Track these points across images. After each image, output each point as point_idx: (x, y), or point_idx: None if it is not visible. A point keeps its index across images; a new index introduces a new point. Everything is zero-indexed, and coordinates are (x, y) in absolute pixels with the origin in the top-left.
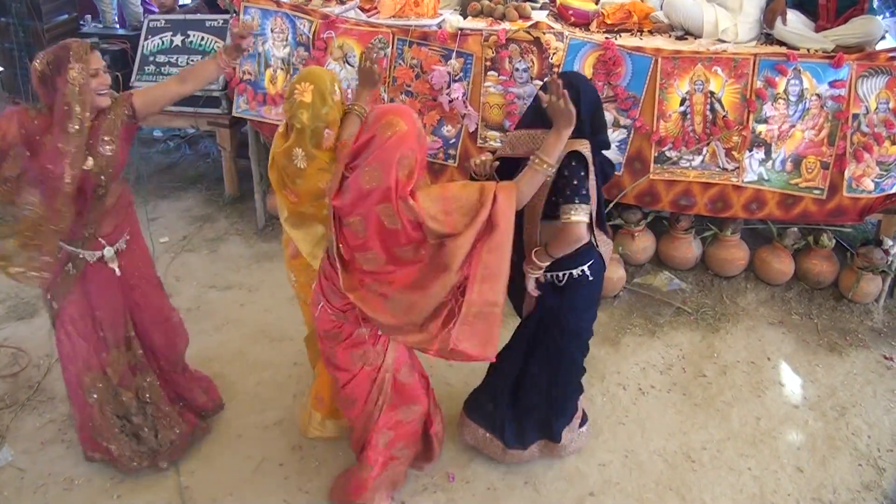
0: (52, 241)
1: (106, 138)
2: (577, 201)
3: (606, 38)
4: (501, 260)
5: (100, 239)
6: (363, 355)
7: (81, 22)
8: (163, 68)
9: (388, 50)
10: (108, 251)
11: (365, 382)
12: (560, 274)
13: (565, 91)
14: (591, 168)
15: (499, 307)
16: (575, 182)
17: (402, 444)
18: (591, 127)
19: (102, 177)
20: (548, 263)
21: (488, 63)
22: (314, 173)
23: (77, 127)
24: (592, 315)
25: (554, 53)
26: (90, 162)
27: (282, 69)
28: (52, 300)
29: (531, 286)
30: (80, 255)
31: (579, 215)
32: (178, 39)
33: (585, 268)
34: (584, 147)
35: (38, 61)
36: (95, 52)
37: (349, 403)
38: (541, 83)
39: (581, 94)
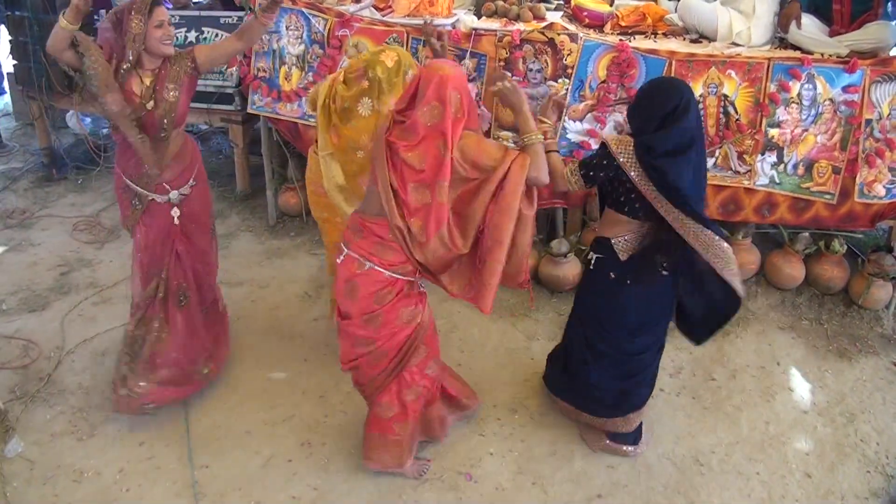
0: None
1: (170, 86)
2: (574, 163)
3: (621, 40)
4: (507, 224)
5: (165, 184)
6: (412, 312)
7: (95, 17)
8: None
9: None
10: (174, 194)
11: (401, 339)
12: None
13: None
14: (616, 155)
15: (500, 265)
16: (590, 155)
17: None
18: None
19: (165, 120)
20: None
21: (502, 63)
22: (366, 126)
23: (126, 66)
24: (591, 305)
25: (568, 55)
26: (151, 104)
27: (297, 66)
28: (128, 229)
29: None
30: (149, 198)
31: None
32: (192, 36)
33: (594, 257)
34: (618, 141)
35: (112, 12)
36: (161, 7)
37: (374, 361)
38: (555, 84)
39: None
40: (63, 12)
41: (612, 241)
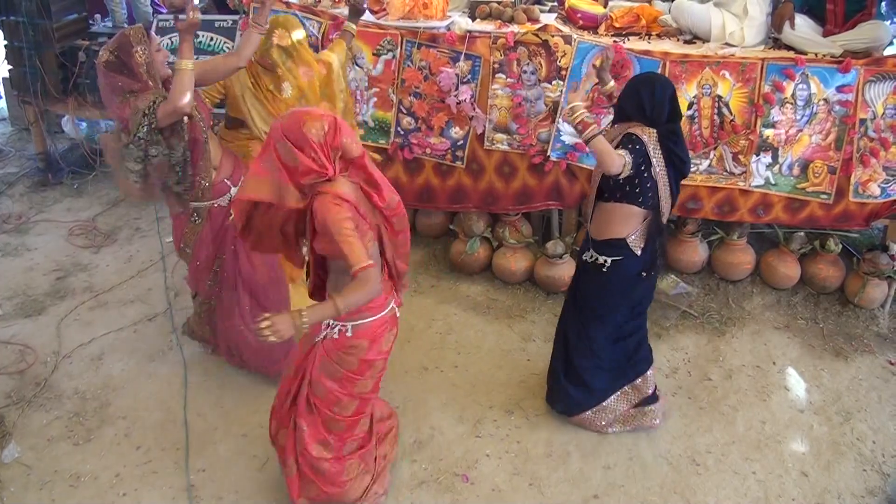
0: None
1: None
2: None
3: (615, 41)
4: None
5: (225, 181)
6: None
7: (91, 21)
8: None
9: (397, 51)
10: (235, 190)
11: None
12: (597, 256)
13: None
14: (650, 150)
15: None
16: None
17: None
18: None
19: (201, 123)
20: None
21: (496, 65)
22: (295, 102)
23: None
24: (610, 303)
25: (562, 56)
26: (185, 117)
27: None
28: (186, 247)
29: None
30: (216, 204)
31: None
32: None
33: (608, 259)
34: (641, 130)
35: (103, 53)
36: (152, 32)
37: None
38: (549, 85)
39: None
40: (177, 58)
41: (628, 240)
